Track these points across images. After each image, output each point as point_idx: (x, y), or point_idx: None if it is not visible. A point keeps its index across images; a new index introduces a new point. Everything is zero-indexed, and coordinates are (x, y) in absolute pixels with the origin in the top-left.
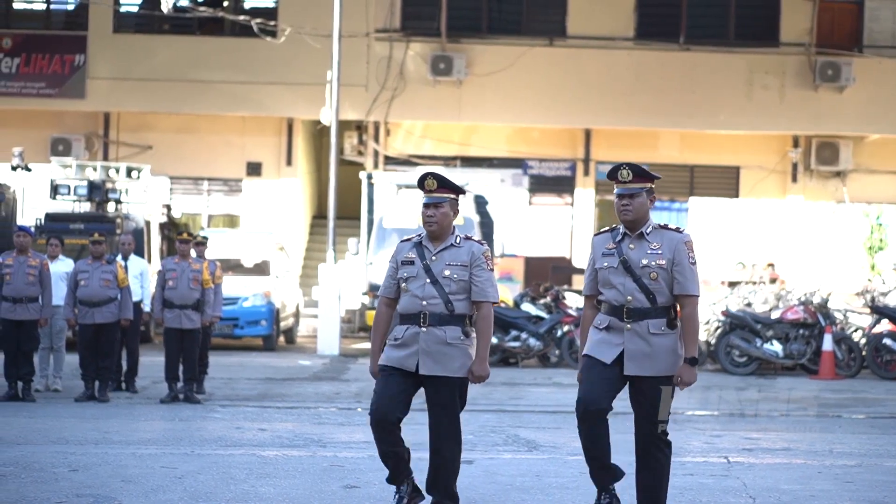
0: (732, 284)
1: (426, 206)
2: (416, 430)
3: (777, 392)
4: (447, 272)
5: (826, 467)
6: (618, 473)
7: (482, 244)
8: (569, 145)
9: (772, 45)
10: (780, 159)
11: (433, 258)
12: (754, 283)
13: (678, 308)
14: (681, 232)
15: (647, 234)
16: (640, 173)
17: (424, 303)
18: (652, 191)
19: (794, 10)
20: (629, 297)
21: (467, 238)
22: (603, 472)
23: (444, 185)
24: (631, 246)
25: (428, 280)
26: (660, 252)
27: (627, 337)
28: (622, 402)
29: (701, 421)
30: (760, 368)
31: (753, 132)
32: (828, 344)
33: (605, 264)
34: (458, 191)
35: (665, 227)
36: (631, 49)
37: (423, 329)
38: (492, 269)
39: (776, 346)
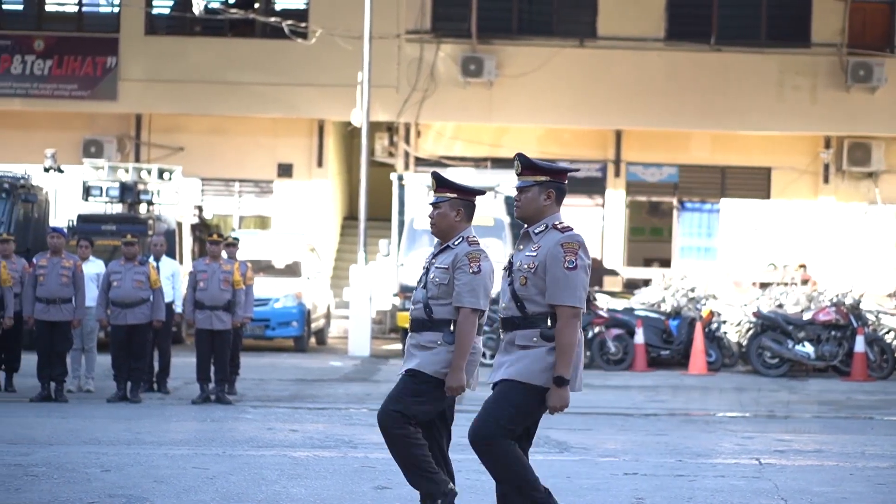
0: (764, 286)
1: (430, 206)
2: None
3: (809, 394)
4: (432, 275)
5: (858, 469)
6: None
7: (473, 244)
8: (599, 146)
9: (803, 46)
10: (812, 160)
11: (431, 261)
12: (786, 284)
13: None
14: (564, 231)
15: (535, 234)
16: (530, 165)
17: (413, 307)
18: (548, 185)
19: (826, 10)
20: (503, 305)
21: (467, 239)
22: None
23: (443, 184)
24: (520, 247)
25: (421, 284)
26: (535, 254)
27: (500, 349)
28: (656, 402)
29: (732, 422)
30: (792, 370)
31: (785, 133)
32: (860, 345)
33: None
34: (460, 190)
35: (556, 226)
36: (662, 50)
37: (409, 334)
38: (476, 273)
39: (808, 348)
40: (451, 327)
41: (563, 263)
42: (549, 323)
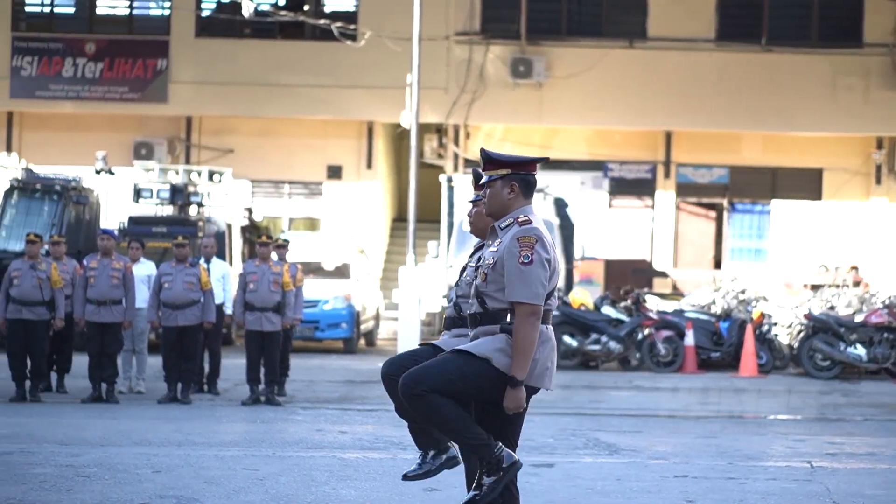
0: (815, 288)
1: (470, 203)
2: None
3: (861, 396)
4: (485, 260)
5: None
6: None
7: (525, 224)
8: (649, 148)
9: (855, 46)
10: (864, 161)
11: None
12: (837, 286)
13: None
14: (523, 225)
15: (500, 230)
16: (490, 159)
17: (450, 305)
18: (511, 178)
19: (877, 10)
20: (469, 301)
21: (517, 220)
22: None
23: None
24: (488, 242)
25: (465, 278)
26: (495, 250)
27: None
28: (706, 404)
29: (783, 425)
30: (844, 372)
31: (837, 134)
32: None
33: None
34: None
35: (518, 220)
36: (712, 50)
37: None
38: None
39: (860, 350)
40: (509, 318)
41: (519, 258)
42: (508, 319)
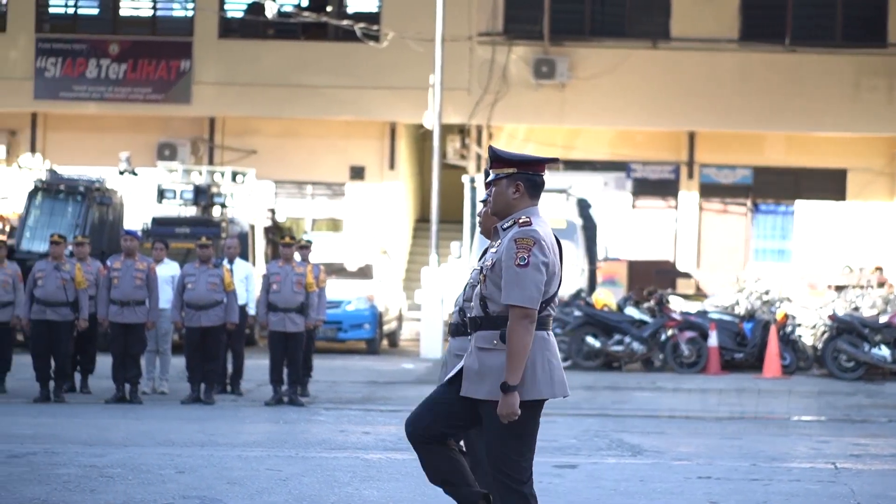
0: (839, 288)
1: (482, 203)
2: None
3: (885, 398)
4: (487, 262)
5: None
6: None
7: (524, 226)
8: (672, 148)
9: (879, 46)
10: (888, 161)
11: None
12: (862, 287)
13: None
14: (523, 226)
15: (503, 231)
16: (496, 157)
17: (456, 309)
18: (517, 177)
19: None
20: (471, 304)
21: (517, 221)
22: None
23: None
24: (492, 244)
25: (470, 282)
26: (496, 251)
27: (469, 351)
28: (730, 405)
29: (807, 426)
30: (868, 373)
31: (861, 134)
32: None
33: None
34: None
35: (518, 221)
36: (736, 51)
37: (453, 339)
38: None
39: (884, 351)
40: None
41: (515, 260)
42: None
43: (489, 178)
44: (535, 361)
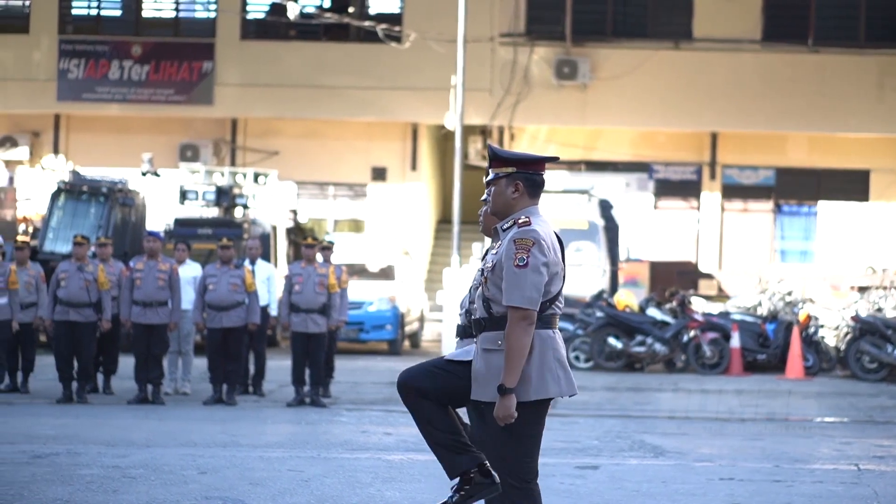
0: (862, 289)
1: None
2: None
3: None
4: (489, 264)
5: None
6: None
7: (524, 226)
8: (695, 149)
9: None
10: None
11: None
12: (885, 288)
13: None
14: (522, 226)
15: (502, 231)
16: (495, 156)
17: (462, 311)
18: (516, 176)
19: None
20: (474, 306)
21: (516, 221)
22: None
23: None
24: (493, 245)
25: (474, 284)
26: (496, 252)
27: (475, 353)
28: (752, 406)
29: (830, 428)
30: (891, 375)
31: (884, 135)
32: None
33: None
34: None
35: (518, 221)
36: (758, 51)
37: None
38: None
39: None
40: None
41: (514, 261)
42: None
43: (488, 178)
44: (542, 360)
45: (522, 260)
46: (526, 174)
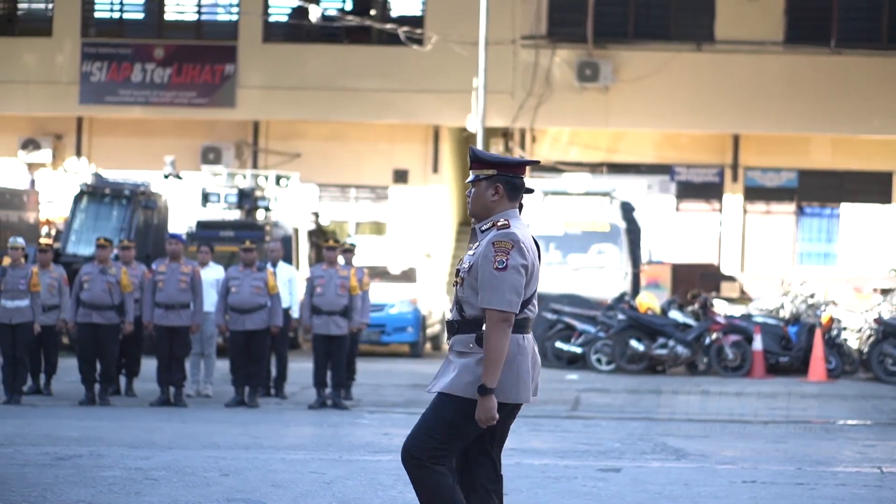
0: (885, 292)
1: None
2: None
3: None
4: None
5: None
6: None
7: (503, 229)
8: (717, 151)
9: None
10: None
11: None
12: None
13: None
14: (501, 229)
15: (480, 233)
16: (476, 158)
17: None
18: (497, 179)
19: None
20: (450, 309)
21: (495, 224)
22: None
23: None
24: (470, 246)
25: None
26: (473, 254)
27: (447, 358)
28: (775, 409)
29: (853, 430)
30: None
31: None
32: None
33: None
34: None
35: (496, 223)
36: (780, 53)
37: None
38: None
39: None
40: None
41: (493, 263)
42: (484, 328)
43: (469, 179)
44: (505, 365)
45: (502, 263)
46: (506, 177)
